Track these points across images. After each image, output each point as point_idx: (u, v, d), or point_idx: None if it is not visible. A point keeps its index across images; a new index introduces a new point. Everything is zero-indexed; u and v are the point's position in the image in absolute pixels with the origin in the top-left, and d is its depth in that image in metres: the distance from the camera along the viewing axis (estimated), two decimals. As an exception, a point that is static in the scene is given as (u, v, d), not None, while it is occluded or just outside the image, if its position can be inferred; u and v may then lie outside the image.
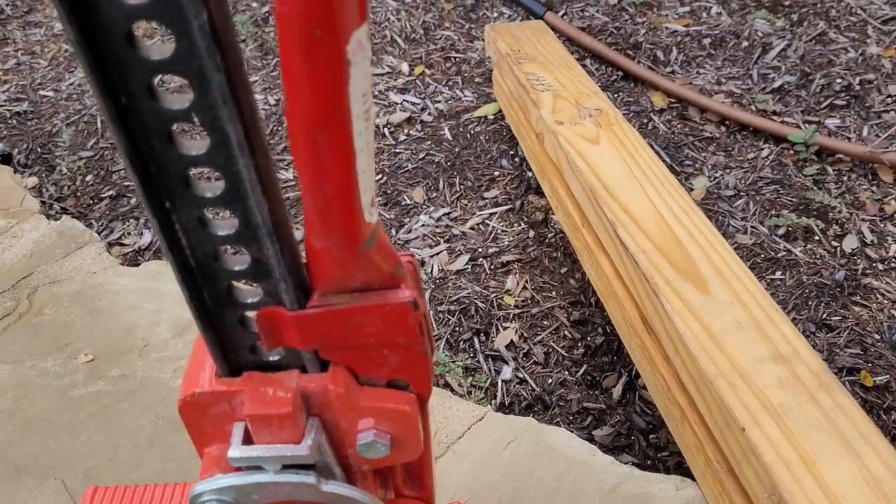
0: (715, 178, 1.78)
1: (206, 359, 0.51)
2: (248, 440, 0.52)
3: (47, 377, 1.23)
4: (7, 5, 2.68)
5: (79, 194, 1.91)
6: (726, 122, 1.91)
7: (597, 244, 1.34)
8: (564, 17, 2.28)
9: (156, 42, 0.37)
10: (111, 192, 1.90)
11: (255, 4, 2.46)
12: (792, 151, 1.81)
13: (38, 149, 2.06)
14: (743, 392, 0.93)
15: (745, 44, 2.14)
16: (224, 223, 0.41)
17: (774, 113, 1.93)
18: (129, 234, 1.77)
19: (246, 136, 0.36)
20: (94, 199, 1.89)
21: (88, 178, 1.95)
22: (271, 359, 0.50)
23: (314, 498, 0.54)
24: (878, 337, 1.43)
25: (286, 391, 0.49)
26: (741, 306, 1.06)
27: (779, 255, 1.58)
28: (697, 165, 1.82)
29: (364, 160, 0.39)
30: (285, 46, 0.33)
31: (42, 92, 2.26)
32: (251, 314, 0.46)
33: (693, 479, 1.09)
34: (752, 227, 1.65)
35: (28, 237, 1.48)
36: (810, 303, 1.49)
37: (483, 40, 2.21)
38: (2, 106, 2.22)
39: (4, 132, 2.13)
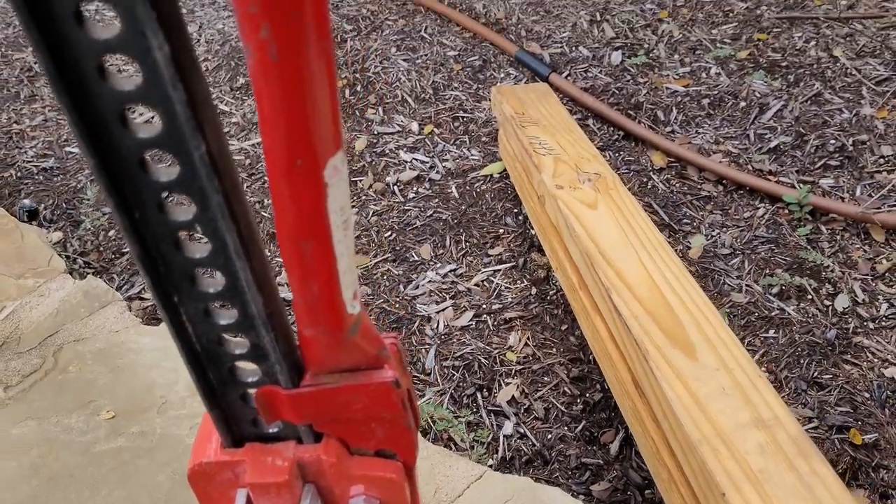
0: (712, 236, 1.84)
1: (212, 431, 0.58)
2: (249, 505, 0.59)
3: (71, 433, 1.30)
4: (35, 63, 2.79)
5: (101, 249, 2.00)
6: (724, 182, 1.98)
7: (593, 307, 1.41)
8: (568, 77, 2.37)
9: (163, 166, 0.43)
10: (132, 248, 1.98)
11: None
12: (787, 211, 1.87)
13: (64, 204, 2.15)
14: (725, 458, 0.99)
15: (743, 104, 2.21)
16: (226, 313, 0.48)
17: (770, 172, 1.99)
18: (148, 288, 1.85)
19: (242, 243, 0.43)
20: (116, 254, 1.98)
21: (111, 233, 2.04)
22: (271, 430, 0.57)
23: (309, 561, 0.61)
24: (867, 395, 1.48)
25: (283, 460, 0.56)
26: (727, 372, 1.12)
27: (772, 314, 1.64)
28: (695, 224, 1.88)
29: (345, 262, 0.46)
30: (272, 172, 0.41)
31: (68, 148, 2.36)
32: (251, 391, 0.53)
33: (682, 537, 1.14)
34: (746, 285, 1.71)
35: (55, 296, 1.56)
36: (802, 361, 1.54)
37: (489, 100, 2.30)
38: (29, 162, 2.32)
39: (32, 188, 2.22)
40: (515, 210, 1.96)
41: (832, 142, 2.04)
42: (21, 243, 1.71)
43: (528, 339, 1.65)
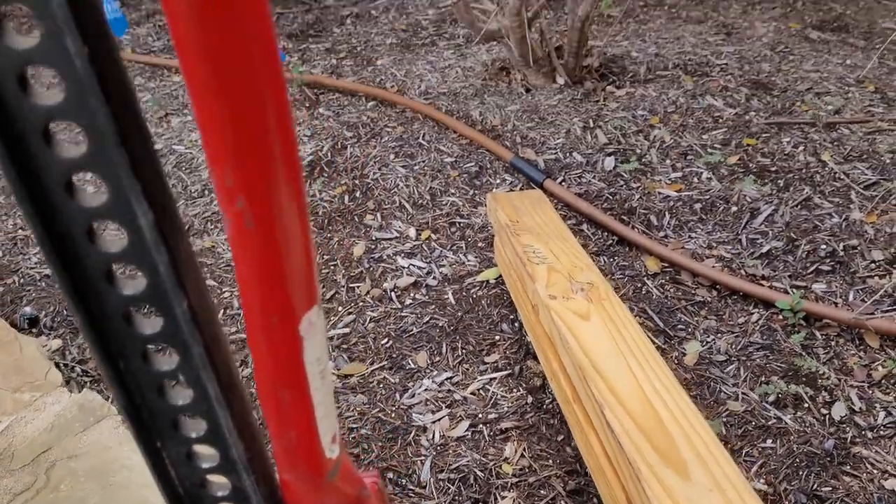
0: (707, 342, 1.85)
1: None
2: None
3: (59, 555, 1.29)
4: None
5: (100, 357, 2.00)
6: (717, 287, 2.00)
7: (587, 421, 1.41)
8: (563, 183, 2.42)
9: (147, 319, 0.45)
10: (130, 356, 1.99)
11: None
12: (781, 316, 1.88)
13: (64, 311, 2.17)
14: (718, 585, 0.97)
15: (735, 209, 2.25)
16: (208, 456, 0.49)
17: (763, 277, 2.01)
18: (145, 397, 1.85)
19: (223, 391, 0.44)
20: (114, 362, 1.98)
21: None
22: None
23: None
24: (868, 508, 1.46)
25: None
26: (719, 493, 1.11)
27: (769, 423, 1.63)
28: (690, 329, 1.89)
29: (322, 410, 0.48)
30: (249, 326, 0.43)
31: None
32: None
33: None
34: (742, 393, 1.71)
35: (50, 410, 1.57)
36: (801, 472, 1.53)
37: (485, 205, 2.35)
38: (32, 268, 2.36)
39: (34, 294, 2.25)
40: (511, 316, 1.98)
41: (823, 247, 2.06)
42: (19, 355, 1.72)
43: (524, 450, 1.64)
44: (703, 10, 3.72)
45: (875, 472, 1.52)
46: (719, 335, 1.87)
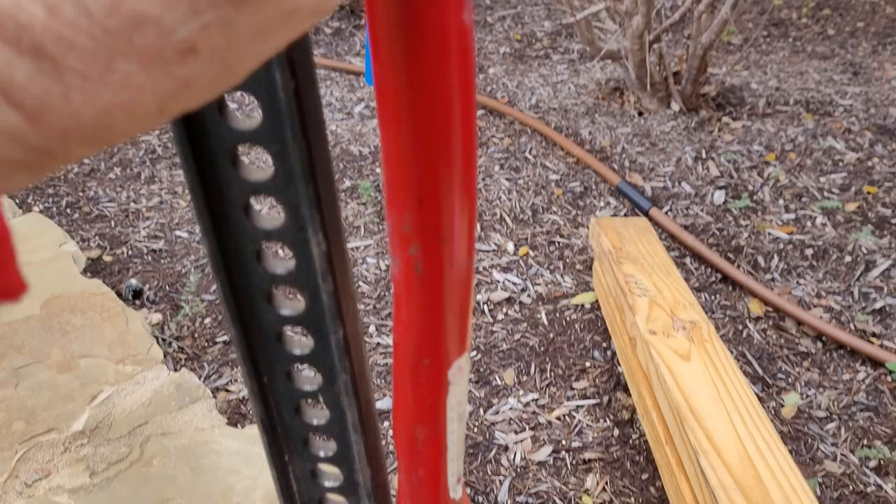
0: (807, 395, 1.78)
1: None
2: None
3: (146, 530, 1.33)
4: (160, 146, 2.97)
5: (196, 335, 2.06)
6: (823, 338, 1.92)
7: (678, 465, 1.37)
8: (669, 213, 2.37)
9: (296, 338, 0.45)
10: (225, 338, 2.04)
11: (377, 170, 2.66)
12: (890, 379, 1.79)
13: (167, 287, 2.24)
14: None
15: (848, 259, 2.16)
16: (332, 475, 0.49)
17: (874, 335, 1.92)
18: (235, 380, 1.90)
19: (360, 418, 0.44)
20: (209, 342, 2.04)
21: (207, 320, 2.11)
22: None
23: None
24: None
25: None
26: (818, 563, 1.07)
27: (868, 490, 1.55)
28: (790, 380, 1.82)
29: (454, 451, 0.47)
30: (398, 364, 0.43)
31: (177, 232, 2.48)
32: None
33: None
34: (842, 454, 1.63)
35: (149, 385, 1.62)
36: (898, 547, 1.45)
37: (587, 227, 2.31)
38: (140, 242, 2.44)
39: (140, 267, 2.33)
40: (604, 344, 1.94)
41: (942, 309, 1.96)
42: (125, 328, 1.78)
43: (606, 483, 1.61)
44: (829, 46, 3.58)
45: (981, 558, 1.43)
46: (821, 389, 1.79)
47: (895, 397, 1.75)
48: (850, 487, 1.56)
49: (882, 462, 1.60)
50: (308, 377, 0.45)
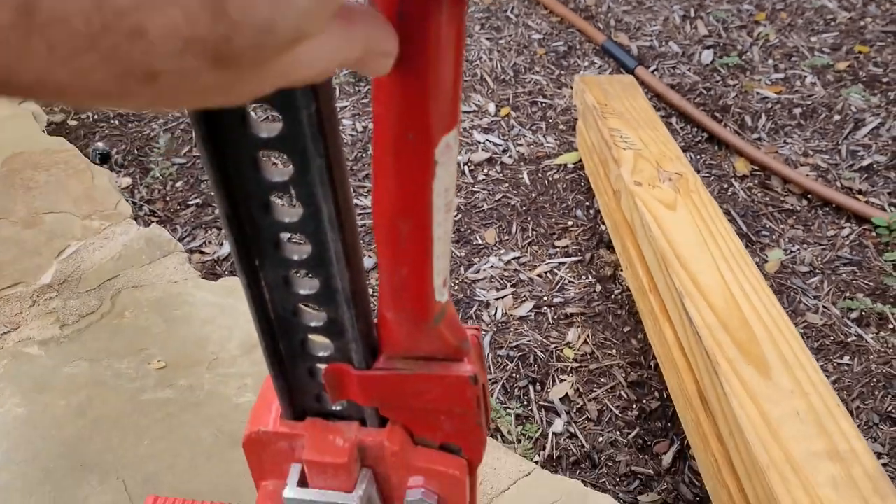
0: (791, 252, 1.76)
1: (273, 400, 0.55)
2: (303, 482, 0.55)
3: (120, 378, 1.30)
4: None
5: (168, 199, 2.00)
6: (809, 196, 1.89)
7: (662, 311, 1.35)
8: (655, 72, 2.29)
9: (264, 120, 0.41)
10: (198, 200, 1.98)
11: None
12: (874, 234, 1.77)
13: (136, 151, 2.16)
14: (794, 487, 0.93)
15: (837, 118, 2.11)
16: (306, 283, 0.45)
17: (860, 192, 1.89)
18: (209, 242, 1.85)
19: (337, 212, 0.39)
20: (182, 205, 1.98)
21: (178, 183, 2.04)
22: (334, 408, 0.54)
23: (358, 544, 0.57)
24: (944, 437, 1.39)
25: (344, 441, 0.53)
26: (802, 396, 1.06)
27: (849, 340, 1.55)
28: (774, 237, 1.80)
29: (441, 247, 0.42)
30: (379, 141, 0.37)
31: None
32: (321, 366, 0.50)
33: (734, 562, 1.09)
34: (824, 307, 1.63)
35: (118, 240, 1.56)
36: (876, 393, 1.46)
37: (571, 88, 2.24)
38: (106, 105, 2.34)
39: (107, 131, 2.24)
40: (587, 203, 1.90)
41: (930, 166, 1.93)
42: (91, 184, 1.71)
43: (587, 337, 1.60)
44: None
45: (956, 401, 1.45)
46: (805, 245, 1.77)
47: (879, 252, 1.74)
48: (832, 338, 1.56)
49: (864, 313, 1.60)
50: (279, 169, 0.39)
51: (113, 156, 2.15)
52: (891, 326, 1.57)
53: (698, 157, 2.02)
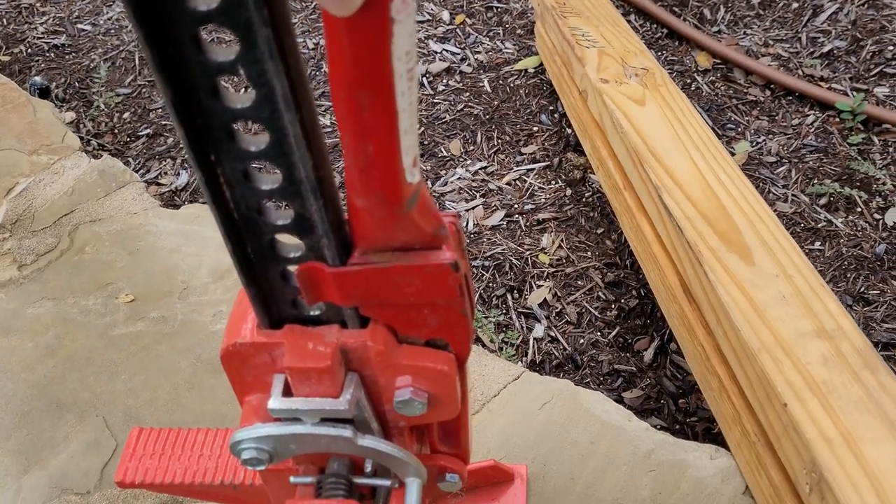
0: (757, 143, 1.75)
1: (248, 310, 0.52)
2: (287, 392, 0.53)
3: (88, 315, 1.25)
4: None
5: (116, 131, 1.91)
6: (771, 86, 1.88)
7: (638, 207, 1.33)
8: (610, -31, 2.23)
9: None
10: (148, 131, 1.90)
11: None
12: (838, 119, 1.77)
13: (77, 83, 2.05)
14: (786, 367, 0.93)
15: (795, 5, 2.08)
16: (268, 177, 0.41)
17: (822, 79, 1.88)
18: (165, 173, 1.78)
19: (292, 90, 0.36)
20: (132, 137, 1.89)
21: (126, 115, 1.95)
22: (312, 313, 0.51)
23: (350, 451, 0.56)
24: (915, 313, 1.42)
25: (326, 346, 0.50)
26: (786, 279, 1.05)
27: (819, 226, 1.56)
28: (740, 129, 1.79)
29: (407, 120, 0.39)
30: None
31: (80, 25, 2.25)
32: (293, 269, 0.47)
33: (726, 447, 1.10)
34: (792, 195, 1.63)
35: (69, 174, 1.49)
36: (849, 275, 1.48)
37: (526, -10, 2.17)
38: (40, 38, 2.22)
39: (43, 65, 2.12)
40: (551, 107, 1.87)
41: (890, 48, 1.92)
42: (34, 118, 1.62)
43: (561, 241, 1.58)
44: None
45: (926, 278, 1.47)
46: (771, 136, 1.76)
47: (843, 137, 1.74)
48: (802, 225, 1.57)
49: (832, 198, 1.60)
50: (223, 49, 0.35)
51: (53, 90, 2.04)
52: (859, 209, 1.58)
53: (659, 53, 1.99)
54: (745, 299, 1.02)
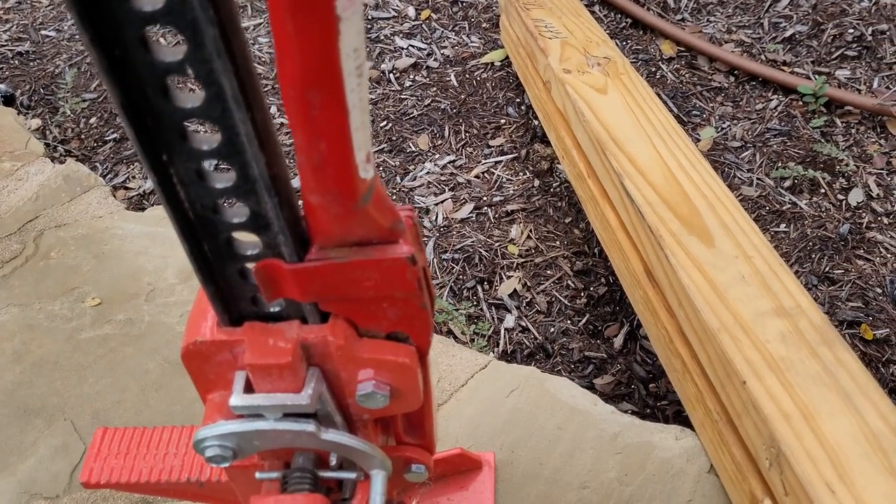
0: (722, 128, 1.77)
1: (208, 308, 0.52)
2: (249, 389, 0.53)
3: (55, 320, 1.25)
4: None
5: (83, 137, 1.90)
6: (735, 72, 1.89)
7: (602, 195, 1.34)
8: (574, -39, 2.24)
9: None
10: (115, 135, 1.89)
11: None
12: (801, 103, 1.79)
13: (41, 90, 2.04)
14: (745, 346, 0.94)
15: (758, -9, 2.10)
16: (222, 176, 0.41)
17: (784, 63, 1.90)
18: (133, 177, 1.77)
19: (241, 89, 0.36)
20: (99, 142, 1.89)
21: (92, 120, 1.94)
22: (272, 310, 0.51)
23: (314, 445, 0.56)
24: (879, 291, 1.44)
25: (286, 342, 0.50)
26: (745, 260, 1.07)
27: (784, 208, 1.58)
28: (705, 116, 1.80)
29: (358, 117, 0.39)
30: (274, 3, 0.33)
31: (44, 32, 2.24)
32: (251, 266, 0.47)
33: (692, 429, 1.11)
34: (757, 178, 1.65)
35: (33, 180, 1.48)
36: (813, 256, 1.50)
37: (491, -16, 2.18)
38: (3, 46, 2.20)
39: (7, 72, 2.11)
40: (518, 100, 1.87)
41: (850, 31, 1.94)
42: (-4, 125, 1.61)
43: (530, 231, 1.59)
44: None
45: (888, 255, 1.49)
46: (735, 121, 1.78)
47: (806, 120, 1.76)
48: (767, 208, 1.59)
49: (796, 181, 1.62)
50: (171, 49, 0.35)
51: (18, 97, 2.03)
52: (822, 191, 1.60)
53: (624, 43, 2.00)
54: (705, 281, 1.03)
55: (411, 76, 1.97)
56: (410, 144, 1.80)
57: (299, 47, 0.35)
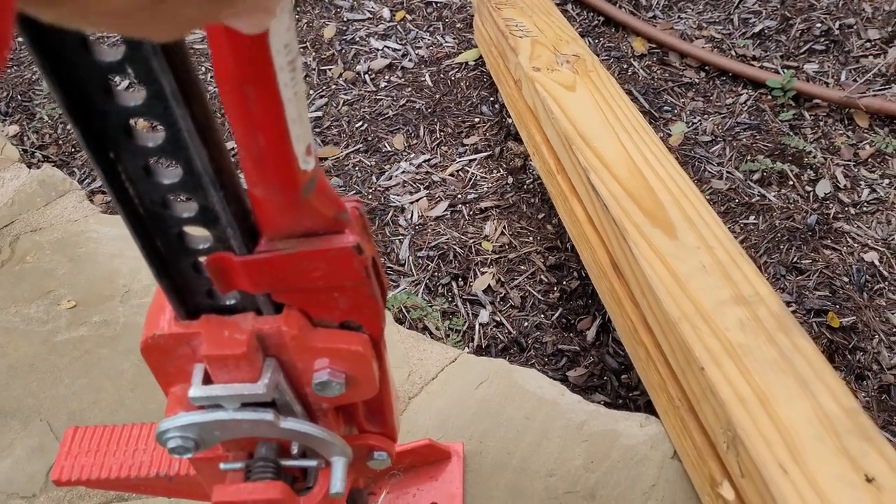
0: (693, 123, 1.79)
1: (165, 303, 0.54)
2: (207, 380, 0.55)
3: (31, 323, 1.26)
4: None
5: (60, 142, 1.91)
6: (706, 68, 1.92)
7: (570, 190, 1.36)
8: (547, -40, 2.26)
9: None
10: (92, 140, 1.90)
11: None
12: (770, 97, 1.82)
13: (19, 97, 2.05)
14: (704, 334, 0.96)
15: (728, -12, 2.13)
16: (169, 172, 0.43)
17: (754, 58, 1.93)
18: (111, 182, 1.78)
19: (181, 86, 0.37)
20: (76, 148, 1.89)
21: (69, 126, 1.95)
22: (228, 302, 0.53)
23: (274, 434, 0.57)
24: (846, 280, 1.46)
25: (241, 333, 0.52)
26: (707, 251, 1.09)
27: (752, 200, 1.61)
28: (676, 111, 1.83)
29: (294, 110, 0.41)
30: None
31: (21, 38, 2.24)
32: (204, 260, 0.48)
33: (657, 416, 1.13)
34: (727, 172, 1.67)
35: (9, 186, 1.49)
36: (782, 246, 1.52)
37: (464, -15, 2.20)
38: (-20, 53, 2.20)
39: (-17, 80, 2.11)
40: (491, 98, 1.89)
41: (818, 25, 1.97)
42: (-29, 132, 1.62)
43: (504, 228, 1.61)
44: None
45: (855, 245, 1.52)
46: (706, 116, 1.81)
47: (775, 113, 1.78)
48: (737, 200, 1.61)
49: (765, 173, 1.65)
50: (111, 49, 0.37)
51: (-6, 104, 2.03)
52: (791, 183, 1.63)
53: (596, 41, 2.03)
54: (666, 272, 1.05)
55: (386, 77, 1.99)
56: (386, 144, 1.82)
57: (231, 45, 0.36)
